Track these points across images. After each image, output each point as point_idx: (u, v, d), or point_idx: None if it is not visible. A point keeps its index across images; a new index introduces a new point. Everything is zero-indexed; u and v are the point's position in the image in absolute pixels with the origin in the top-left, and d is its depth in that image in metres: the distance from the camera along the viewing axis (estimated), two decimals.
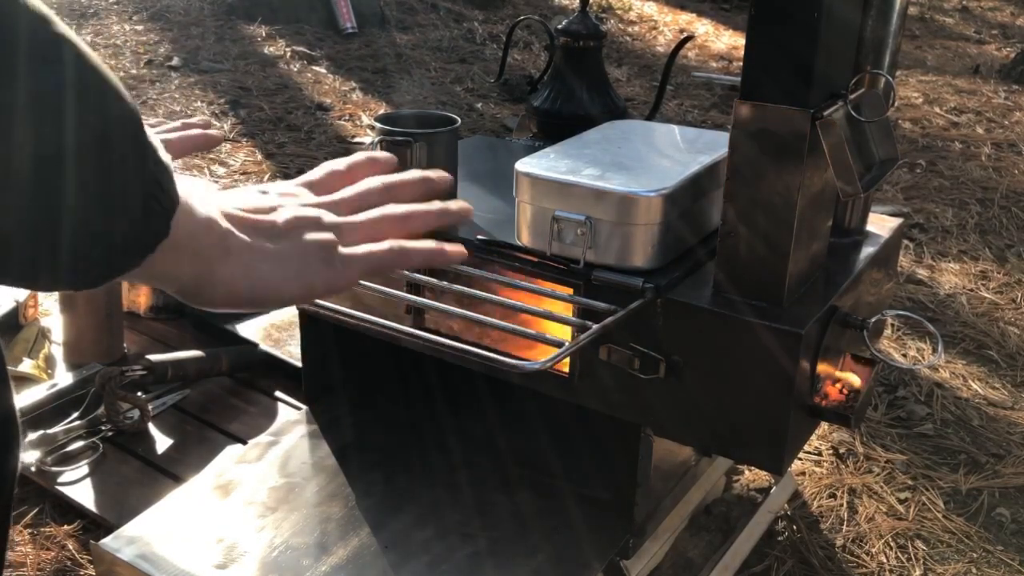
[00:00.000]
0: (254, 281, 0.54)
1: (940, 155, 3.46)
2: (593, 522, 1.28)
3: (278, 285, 0.55)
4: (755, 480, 1.61)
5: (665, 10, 5.90)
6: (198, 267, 0.51)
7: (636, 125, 1.39)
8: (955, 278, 2.48)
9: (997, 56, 5.25)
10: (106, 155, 0.43)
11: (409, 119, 1.31)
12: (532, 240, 1.17)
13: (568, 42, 1.55)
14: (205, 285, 0.53)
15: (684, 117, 3.82)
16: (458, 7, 5.34)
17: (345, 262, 0.57)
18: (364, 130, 3.41)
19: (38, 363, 1.73)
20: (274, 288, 0.55)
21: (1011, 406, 1.92)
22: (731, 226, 1.06)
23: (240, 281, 0.53)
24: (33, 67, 0.39)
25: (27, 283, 0.45)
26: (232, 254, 0.53)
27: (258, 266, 0.54)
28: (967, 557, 1.50)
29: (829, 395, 1.14)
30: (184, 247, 0.49)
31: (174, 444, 1.56)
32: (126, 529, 1.25)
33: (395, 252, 0.60)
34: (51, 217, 0.41)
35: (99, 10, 4.81)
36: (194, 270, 0.51)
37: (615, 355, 1.12)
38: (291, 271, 0.55)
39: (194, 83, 3.80)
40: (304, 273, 0.56)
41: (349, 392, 1.56)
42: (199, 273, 0.52)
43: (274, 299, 0.55)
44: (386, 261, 0.59)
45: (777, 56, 1.00)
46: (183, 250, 0.49)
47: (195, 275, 0.52)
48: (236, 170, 2.97)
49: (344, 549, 1.22)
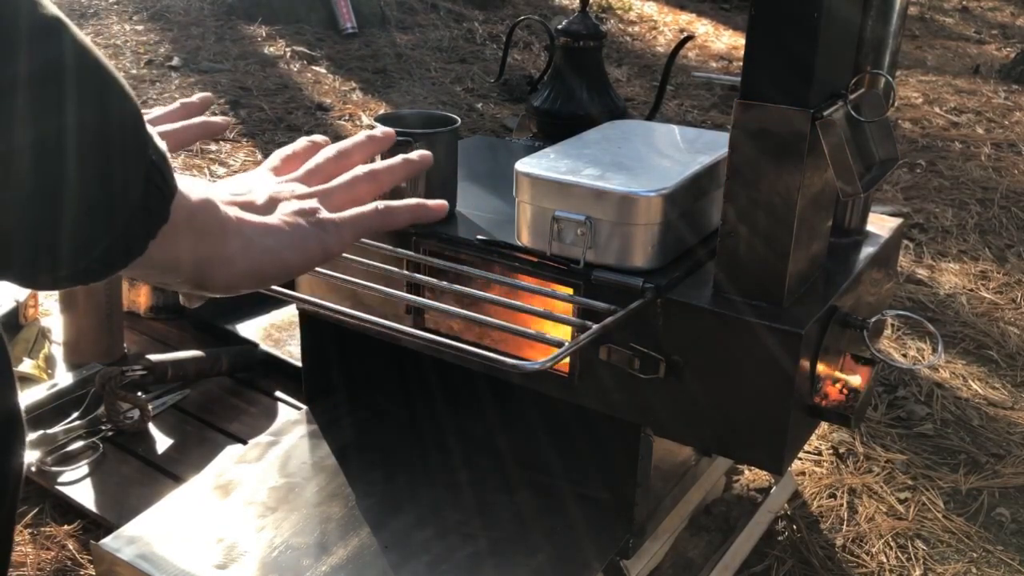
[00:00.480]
0: (255, 256, 0.55)
1: (940, 155, 3.46)
2: (593, 522, 1.28)
3: (278, 256, 0.56)
4: (755, 480, 1.61)
5: (665, 10, 5.90)
6: (199, 250, 0.52)
7: (636, 125, 1.39)
8: (955, 278, 2.48)
9: (997, 56, 5.25)
10: (105, 139, 0.42)
11: (409, 119, 1.31)
12: (532, 240, 1.17)
13: (568, 42, 1.55)
14: (208, 268, 0.53)
15: (684, 117, 3.82)
16: (458, 7, 5.34)
17: (335, 226, 0.60)
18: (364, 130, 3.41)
19: (38, 363, 1.73)
20: (275, 260, 0.56)
21: (1011, 406, 1.92)
22: (731, 226, 1.06)
23: (242, 257, 0.54)
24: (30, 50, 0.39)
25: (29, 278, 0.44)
26: (231, 231, 0.54)
27: (257, 241, 0.55)
28: (967, 557, 1.50)
29: (829, 395, 1.14)
30: (185, 231, 0.50)
31: (174, 444, 1.56)
32: (126, 529, 1.25)
33: (381, 212, 0.62)
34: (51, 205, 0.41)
35: (99, 10, 4.81)
36: (196, 254, 0.52)
37: (615, 355, 1.12)
38: (288, 241, 0.57)
39: (194, 83, 3.80)
40: (299, 241, 0.57)
41: (349, 392, 1.56)
42: (201, 256, 0.52)
43: (276, 272, 0.57)
44: (375, 221, 0.62)
45: (777, 56, 1.00)
46: (183, 234, 0.50)
47: (197, 259, 0.52)
48: (236, 170, 2.97)
49: (344, 549, 1.22)
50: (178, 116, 0.75)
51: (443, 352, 1.19)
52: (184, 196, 0.49)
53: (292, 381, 1.69)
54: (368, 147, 0.69)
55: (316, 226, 0.58)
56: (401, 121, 1.30)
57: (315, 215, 0.59)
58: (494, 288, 1.18)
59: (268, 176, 0.64)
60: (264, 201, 0.59)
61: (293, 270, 0.58)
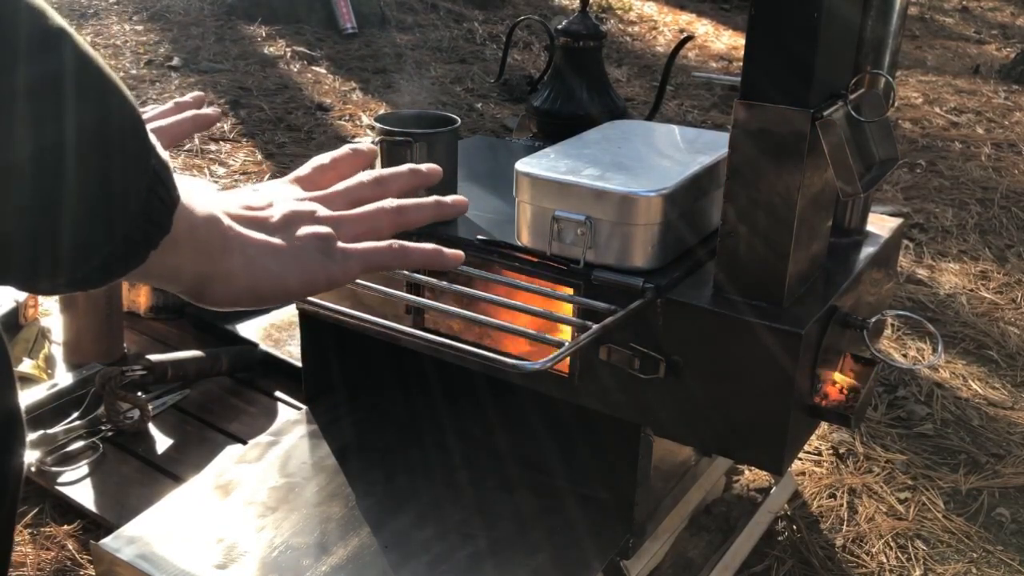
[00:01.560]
0: (256, 276, 0.54)
1: (940, 155, 3.46)
2: (593, 522, 1.28)
3: (279, 279, 0.55)
4: (755, 480, 1.61)
5: (665, 10, 5.90)
6: (200, 264, 0.51)
7: (636, 125, 1.39)
8: (955, 278, 2.48)
9: (997, 56, 5.25)
10: (106, 147, 0.42)
11: (409, 119, 1.31)
12: (532, 240, 1.17)
13: (568, 42, 1.55)
14: (207, 282, 0.53)
15: (684, 117, 3.82)
16: (458, 7, 5.34)
17: (345, 256, 0.58)
18: (364, 130, 3.41)
19: (38, 363, 1.73)
20: (276, 282, 0.55)
21: (1011, 406, 1.92)
22: (731, 226, 1.06)
23: (242, 275, 0.53)
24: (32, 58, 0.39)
25: (28, 284, 0.44)
26: (233, 249, 0.53)
27: (259, 260, 0.54)
28: (967, 557, 1.50)
29: (829, 395, 1.14)
30: (185, 244, 0.49)
31: (174, 444, 1.56)
32: (126, 529, 1.25)
33: (395, 250, 0.60)
34: (52, 214, 0.41)
35: (99, 10, 4.81)
36: (196, 267, 0.51)
37: (615, 355, 1.12)
38: (292, 264, 0.55)
39: (194, 83, 3.80)
40: (304, 266, 0.56)
41: (349, 392, 1.56)
42: (201, 270, 0.52)
43: (276, 294, 0.55)
44: (386, 258, 0.60)
45: (777, 56, 1.00)
46: (184, 247, 0.49)
47: (197, 272, 0.52)
48: (236, 170, 2.97)
49: (344, 549, 1.22)
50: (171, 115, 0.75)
51: (443, 352, 1.19)
52: (187, 208, 0.49)
53: (292, 381, 1.69)
54: (409, 181, 0.66)
55: (324, 253, 0.57)
56: (401, 121, 1.30)
57: (327, 241, 0.57)
58: (494, 288, 1.18)
59: (293, 189, 0.62)
60: (279, 219, 0.57)
61: (293, 294, 0.56)
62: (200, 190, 0.52)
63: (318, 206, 0.60)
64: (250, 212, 0.56)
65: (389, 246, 0.60)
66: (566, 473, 1.37)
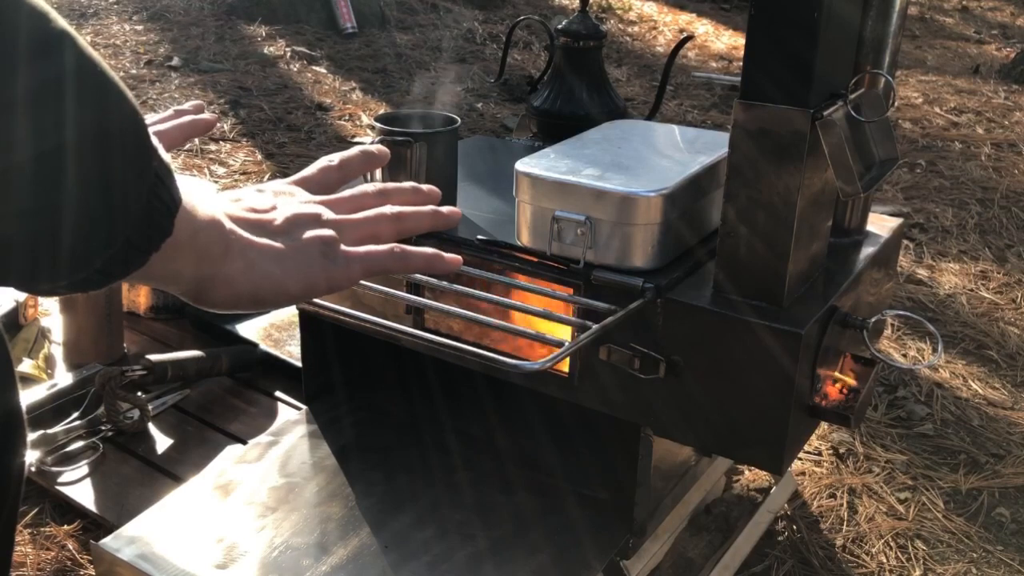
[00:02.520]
0: (256, 280, 0.54)
1: (940, 155, 3.46)
2: (593, 522, 1.28)
3: (280, 283, 0.55)
4: (755, 480, 1.61)
5: (665, 10, 5.90)
6: (201, 266, 0.51)
7: (636, 125, 1.39)
8: (955, 278, 2.48)
9: (997, 56, 5.25)
10: (107, 151, 0.42)
11: (409, 119, 1.31)
12: (532, 240, 1.17)
13: (568, 42, 1.55)
14: (208, 284, 0.53)
15: (684, 117, 3.82)
16: (458, 7, 5.34)
17: (347, 260, 0.58)
18: (364, 130, 3.41)
19: (38, 363, 1.73)
20: (276, 286, 0.55)
21: (1011, 406, 1.92)
22: (731, 226, 1.06)
23: (243, 279, 0.54)
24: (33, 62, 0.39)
25: (28, 286, 0.44)
26: (234, 252, 0.53)
27: (260, 263, 0.54)
28: (967, 557, 1.50)
29: (829, 395, 1.14)
30: (187, 246, 0.49)
31: (174, 444, 1.56)
32: (126, 529, 1.25)
33: (395, 254, 0.61)
34: (53, 216, 0.41)
35: (99, 10, 4.81)
36: (197, 270, 0.51)
37: (615, 355, 1.12)
38: (293, 268, 0.56)
39: (194, 83, 3.80)
40: (306, 270, 0.56)
41: (349, 392, 1.56)
42: (202, 272, 0.52)
43: (276, 297, 0.56)
44: (387, 262, 0.61)
45: (777, 56, 1.00)
46: (186, 249, 0.49)
47: (198, 275, 0.52)
48: (236, 170, 2.97)
49: (344, 549, 1.22)
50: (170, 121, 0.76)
51: (443, 352, 1.19)
52: (189, 212, 0.49)
53: (292, 381, 1.69)
54: (411, 198, 0.67)
55: (327, 256, 0.57)
56: (401, 121, 1.30)
57: (330, 245, 0.58)
58: (494, 288, 1.18)
59: (300, 191, 0.62)
60: (282, 223, 0.57)
61: (294, 297, 0.57)
62: (202, 192, 0.52)
63: (323, 209, 0.60)
64: (253, 215, 0.56)
65: (390, 250, 0.61)
66: (566, 473, 1.37)
